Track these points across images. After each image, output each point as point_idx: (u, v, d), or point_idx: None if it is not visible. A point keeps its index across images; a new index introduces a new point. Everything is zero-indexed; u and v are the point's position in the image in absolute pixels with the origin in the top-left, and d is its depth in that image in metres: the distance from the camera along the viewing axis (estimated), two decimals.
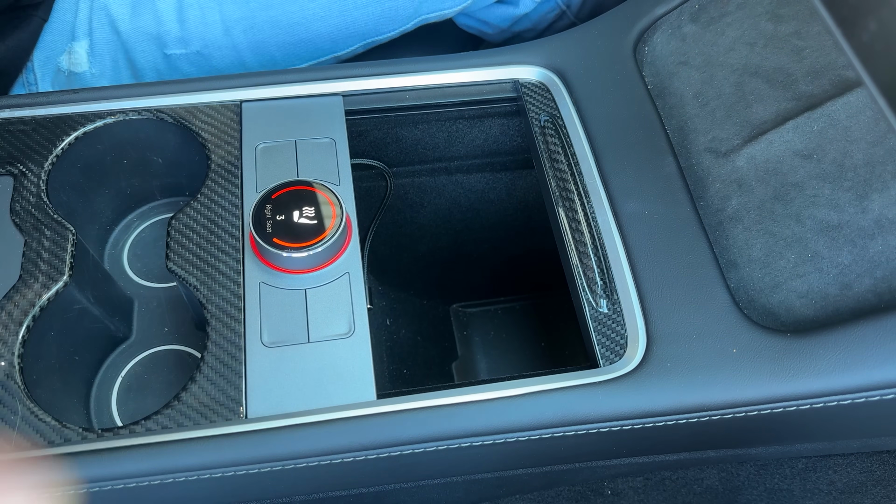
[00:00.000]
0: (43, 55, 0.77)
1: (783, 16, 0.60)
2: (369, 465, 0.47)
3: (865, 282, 0.48)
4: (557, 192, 0.57)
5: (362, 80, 0.62)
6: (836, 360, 0.46)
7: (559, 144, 0.59)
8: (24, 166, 0.55)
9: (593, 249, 0.53)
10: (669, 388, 0.47)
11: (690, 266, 0.51)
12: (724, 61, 0.60)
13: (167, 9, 0.76)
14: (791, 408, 0.47)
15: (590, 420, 0.47)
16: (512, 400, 0.46)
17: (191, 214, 0.54)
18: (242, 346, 0.48)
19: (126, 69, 0.78)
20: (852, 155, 0.51)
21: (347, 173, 0.57)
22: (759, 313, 0.50)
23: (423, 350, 0.81)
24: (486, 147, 0.70)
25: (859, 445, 0.65)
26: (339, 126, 0.59)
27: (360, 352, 0.48)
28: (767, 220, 0.52)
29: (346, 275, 0.51)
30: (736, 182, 0.54)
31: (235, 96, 0.60)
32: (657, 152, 0.57)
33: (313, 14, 0.78)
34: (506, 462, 0.53)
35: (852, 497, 0.75)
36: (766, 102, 0.56)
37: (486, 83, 0.64)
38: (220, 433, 0.44)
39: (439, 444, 0.46)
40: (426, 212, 0.76)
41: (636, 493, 0.76)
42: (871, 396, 0.47)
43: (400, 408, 0.46)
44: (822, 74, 0.55)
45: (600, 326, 0.50)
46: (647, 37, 0.65)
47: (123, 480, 0.43)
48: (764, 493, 0.75)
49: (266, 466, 0.45)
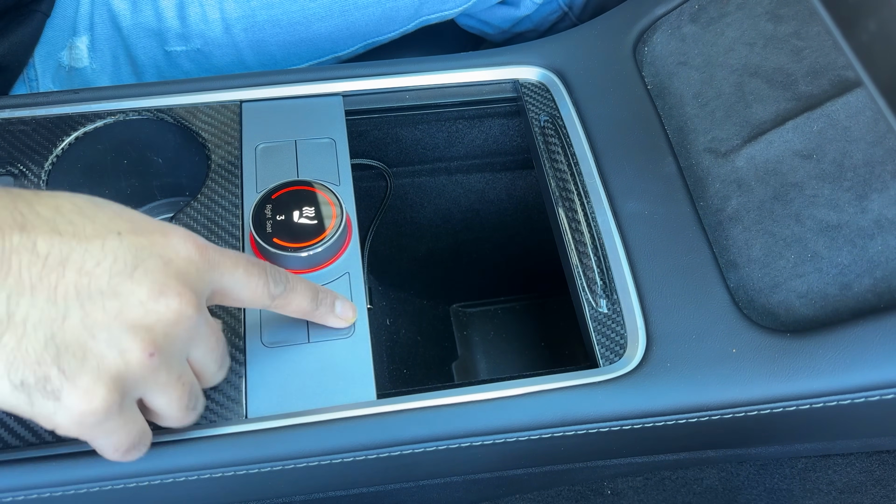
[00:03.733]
0: (44, 50, 0.77)
1: (783, 16, 0.60)
2: (369, 465, 0.47)
3: (865, 282, 0.48)
4: (557, 192, 0.57)
5: (362, 80, 0.62)
6: (835, 360, 0.46)
7: (559, 144, 0.59)
8: (24, 166, 0.55)
9: (593, 249, 0.53)
10: (669, 387, 0.47)
11: (690, 266, 0.51)
12: (723, 61, 0.60)
13: (168, 5, 0.76)
14: (791, 408, 0.47)
15: (589, 420, 0.47)
16: (512, 400, 0.46)
17: (191, 214, 0.54)
18: (242, 346, 0.48)
19: (126, 65, 0.78)
20: (852, 155, 0.52)
21: (347, 173, 0.57)
22: (759, 313, 0.50)
23: (423, 350, 0.81)
24: (486, 147, 0.70)
25: (859, 445, 0.65)
26: (339, 126, 0.59)
27: (360, 352, 0.48)
28: (767, 220, 0.52)
29: (346, 275, 0.51)
30: (735, 182, 0.54)
31: (235, 96, 0.60)
32: (657, 152, 0.57)
33: (314, 14, 0.78)
34: (505, 462, 0.53)
35: (852, 497, 0.75)
36: (766, 102, 0.56)
37: (486, 83, 0.64)
38: (220, 433, 0.44)
39: (439, 444, 0.46)
40: (426, 212, 0.76)
41: (636, 492, 0.76)
42: (870, 396, 0.47)
43: (400, 408, 0.46)
44: (822, 74, 0.55)
45: (600, 326, 0.50)
46: (646, 37, 0.65)
47: (123, 480, 0.43)
48: (764, 493, 0.75)
49: (266, 466, 0.45)
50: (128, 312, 0.34)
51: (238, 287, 0.40)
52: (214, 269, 0.39)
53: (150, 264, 0.36)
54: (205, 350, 0.39)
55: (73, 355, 0.33)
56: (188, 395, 0.39)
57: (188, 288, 0.36)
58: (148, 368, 0.35)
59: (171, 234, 0.37)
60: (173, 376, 0.37)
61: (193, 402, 0.40)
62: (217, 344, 0.40)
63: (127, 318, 0.34)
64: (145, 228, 0.37)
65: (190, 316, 0.36)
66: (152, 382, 0.36)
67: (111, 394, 0.34)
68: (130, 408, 0.37)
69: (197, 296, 0.37)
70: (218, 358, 0.41)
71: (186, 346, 0.38)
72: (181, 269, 0.37)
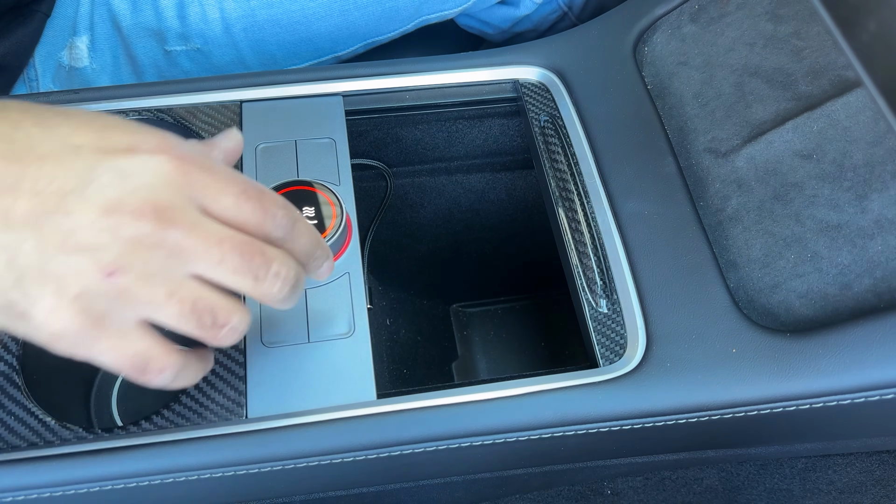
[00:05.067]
0: (44, 50, 0.77)
1: (783, 16, 0.60)
2: (369, 465, 0.47)
3: (865, 282, 0.48)
4: (557, 192, 0.57)
5: (362, 80, 0.62)
6: (835, 360, 0.46)
7: (559, 144, 0.59)
8: None
9: (593, 249, 0.53)
10: (669, 388, 0.47)
11: (690, 266, 0.51)
12: (723, 61, 0.60)
13: (168, 5, 0.76)
14: (791, 408, 0.47)
15: (589, 420, 0.47)
16: (512, 400, 0.46)
17: None
18: (242, 346, 0.48)
19: (126, 65, 0.78)
20: (852, 155, 0.52)
21: (347, 173, 0.57)
22: (759, 313, 0.50)
23: (423, 350, 0.81)
24: (486, 147, 0.70)
25: (859, 445, 0.65)
26: (339, 126, 0.59)
27: (360, 352, 0.48)
28: (767, 220, 0.52)
29: (346, 275, 0.51)
30: (735, 182, 0.54)
31: (236, 96, 0.60)
32: (657, 152, 0.57)
33: (314, 13, 0.78)
34: (506, 462, 0.53)
35: (852, 497, 0.75)
36: (766, 102, 0.56)
37: (486, 83, 0.64)
38: (220, 433, 0.44)
39: (439, 444, 0.46)
40: (426, 212, 0.77)
41: (636, 492, 0.76)
42: (870, 396, 0.47)
43: (400, 408, 0.46)
44: (822, 74, 0.55)
45: (600, 326, 0.50)
46: (646, 37, 0.65)
47: (123, 480, 0.44)
48: (764, 493, 0.75)
49: (266, 466, 0.45)
50: (80, 233, 0.33)
51: (225, 216, 0.36)
52: (196, 190, 0.36)
53: (104, 179, 0.34)
54: (209, 265, 0.36)
55: (34, 279, 0.33)
56: (193, 312, 0.36)
57: (148, 203, 0.34)
58: (113, 287, 0.34)
59: (141, 149, 0.35)
60: (159, 294, 0.35)
61: (211, 319, 0.37)
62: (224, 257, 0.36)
63: (80, 238, 0.33)
64: (110, 142, 0.35)
65: (151, 232, 0.34)
66: (131, 301, 0.35)
67: (77, 315, 0.34)
68: (122, 327, 0.35)
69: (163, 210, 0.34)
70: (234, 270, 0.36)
71: (168, 262, 0.35)
72: (143, 184, 0.34)
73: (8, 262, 0.33)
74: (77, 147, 0.34)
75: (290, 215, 0.39)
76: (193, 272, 0.36)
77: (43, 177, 0.33)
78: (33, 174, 0.33)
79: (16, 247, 0.33)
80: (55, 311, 0.33)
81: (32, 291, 0.33)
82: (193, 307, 0.36)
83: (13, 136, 0.34)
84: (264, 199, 0.38)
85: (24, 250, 0.33)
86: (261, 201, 0.37)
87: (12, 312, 0.34)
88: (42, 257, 0.33)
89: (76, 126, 0.35)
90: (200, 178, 0.36)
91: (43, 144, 0.34)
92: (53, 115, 0.35)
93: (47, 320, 0.34)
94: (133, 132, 0.36)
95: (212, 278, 0.36)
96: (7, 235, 0.33)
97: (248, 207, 0.37)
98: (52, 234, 0.33)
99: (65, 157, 0.34)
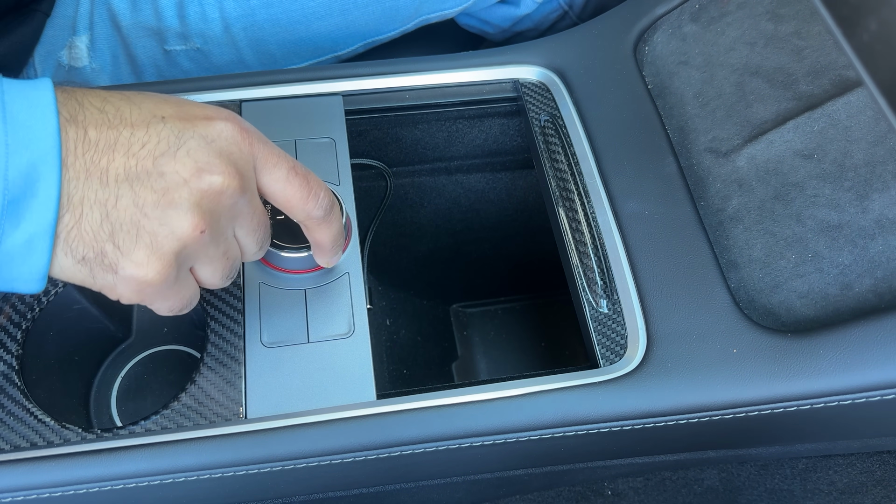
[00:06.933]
0: (44, 50, 0.76)
1: (783, 16, 0.60)
2: (369, 466, 0.47)
3: (866, 282, 0.48)
4: (557, 192, 0.57)
5: (362, 79, 0.62)
6: (836, 361, 0.46)
7: (559, 144, 0.59)
8: None
9: (593, 249, 0.53)
10: (670, 388, 0.47)
11: (691, 266, 0.51)
12: (724, 61, 0.60)
13: (167, 4, 0.76)
14: (791, 408, 0.47)
15: (590, 420, 0.47)
16: (512, 400, 0.46)
17: None
18: (242, 347, 0.48)
19: (126, 64, 0.78)
20: (853, 155, 0.51)
21: (347, 173, 0.57)
22: (760, 313, 0.50)
23: (423, 350, 0.81)
24: (486, 147, 0.70)
25: (860, 446, 0.65)
26: (339, 126, 0.59)
27: (359, 352, 0.48)
28: (768, 220, 0.52)
29: (346, 275, 0.51)
30: (736, 182, 0.54)
31: (235, 96, 0.60)
32: (657, 152, 0.57)
33: (314, 13, 0.78)
34: (506, 462, 0.53)
35: (853, 497, 0.75)
36: (767, 102, 0.56)
37: (486, 83, 0.64)
38: (220, 433, 0.44)
39: (439, 445, 0.46)
40: (426, 212, 0.76)
41: (636, 493, 0.76)
42: (871, 396, 0.47)
43: (400, 408, 0.46)
44: (823, 74, 0.55)
45: (600, 326, 0.50)
46: (647, 36, 0.65)
47: (123, 480, 0.43)
48: (764, 494, 0.75)
49: (266, 466, 0.45)
50: (174, 191, 0.36)
51: (274, 187, 0.41)
52: (258, 159, 0.40)
53: (192, 144, 0.37)
54: (248, 229, 0.41)
55: (127, 232, 0.36)
56: (231, 267, 0.42)
57: (231, 166, 0.38)
58: (200, 243, 0.38)
59: (216, 117, 0.39)
60: (220, 251, 0.40)
61: (233, 273, 0.42)
62: (259, 226, 0.42)
63: (174, 196, 0.36)
64: (190, 113, 0.39)
65: (233, 192, 0.38)
66: (203, 255, 0.39)
67: (166, 267, 0.37)
68: (185, 276, 0.40)
69: (240, 174, 0.39)
70: (260, 239, 0.43)
71: (230, 222, 0.40)
72: (223, 149, 0.38)
73: (104, 215, 0.36)
74: (162, 117, 0.38)
75: (330, 198, 0.44)
76: (235, 232, 0.41)
77: (136, 141, 0.36)
78: (126, 138, 0.36)
79: (112, 202, 0.36)
80: (146, 265, 0.37)
81: (125, 244, 0.36)
82: (233, 265, 0.42)
83: (104, 108, 0.37)
84: (311, 178, 0.42)
85: (120, 206, 0.36)
86: (307, 179, 0.42)
87: (101, 263, 0.36)
88: (137, 213, 0.36)
89: (157, 101, 0.39)
90: (262, 149, 0.40)
91: (132, 115, 0.37)
92: (135, 94, 0.39)
93: (136, 273, 0.37)
94: (204, 105, 0.40)
95: (243, 239, 0.42)
96: (105, 191, 0.36)
97: (296, 182, 0.41)
98: (147, 192, 0.36)
99: (154, 125, 0.37)
